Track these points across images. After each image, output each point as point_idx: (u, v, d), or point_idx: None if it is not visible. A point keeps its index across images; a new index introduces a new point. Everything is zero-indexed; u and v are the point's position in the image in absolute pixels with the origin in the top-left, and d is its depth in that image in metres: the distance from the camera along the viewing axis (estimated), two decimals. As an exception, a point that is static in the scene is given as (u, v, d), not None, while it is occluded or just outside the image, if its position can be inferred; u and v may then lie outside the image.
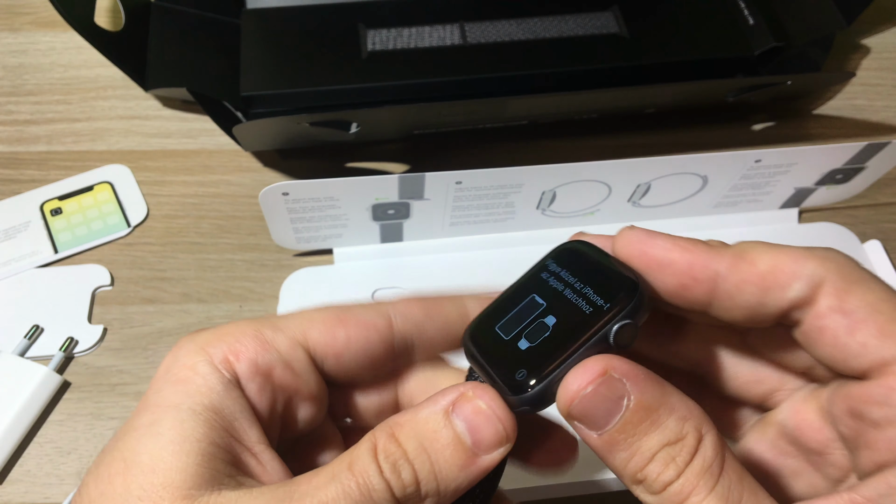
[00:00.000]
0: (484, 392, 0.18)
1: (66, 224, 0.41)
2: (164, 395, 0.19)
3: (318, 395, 0.21)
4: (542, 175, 0.36)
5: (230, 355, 0.19)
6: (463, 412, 0.18)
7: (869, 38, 0.51)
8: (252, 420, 0.19)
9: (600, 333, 0.18)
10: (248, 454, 0.19)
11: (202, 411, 0.18)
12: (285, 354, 0.20)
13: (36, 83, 0.46)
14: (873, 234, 0.43)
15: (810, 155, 0.37)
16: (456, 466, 0.18)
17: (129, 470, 0.17)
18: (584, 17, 0.47)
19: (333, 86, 0.43)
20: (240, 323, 0.20)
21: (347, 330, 0.20)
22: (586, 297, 0.19)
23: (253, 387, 0.19)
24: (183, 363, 0.19)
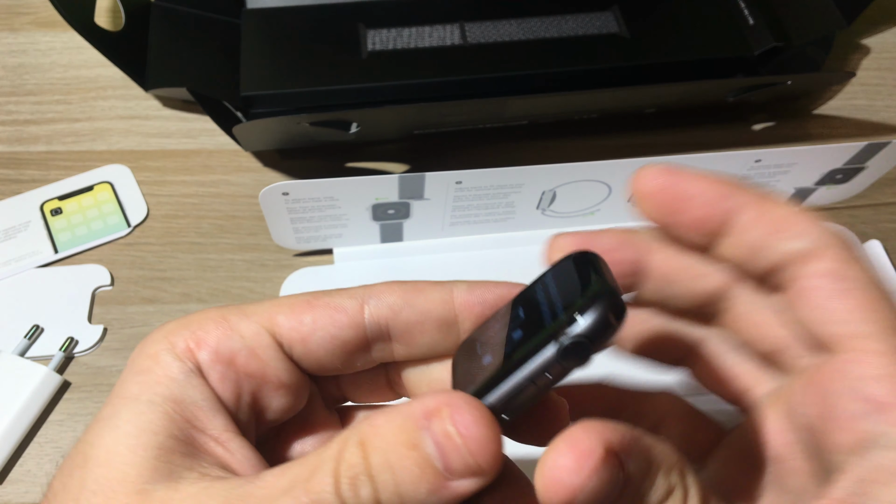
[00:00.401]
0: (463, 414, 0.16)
1: (66, 224, 0.41)
2: (125, 387, 0.18)
3: (291, 382, 0.20)
4: (542, 175, 0.36)
5: (192, 343, 0.19)
6: (434, 431, 0.16)
7: (869, 37, 0.51)
8: (216, 408, 0.18)
9: (545, 353, 0.16)
10: (214, 443, 0.18)
11: (161, 402, 0.18)
12: (250, 340, 0.19)
13: (36, 83, 0.46)
14: (873, 234, 0.43)
15: (810, 155, 0.37)
16: (423, 489, 0.16)
17: (87, 463, 0.17)
18: (585, 17, 0.47)
19: (333, 86, 0.43)
20: (208, 310, 0.20)
21: (314, 313, 0.19)
22: (554, 313, 0.17)
23: (214, 375, 0.19)
24: (146, 353, 0.19)
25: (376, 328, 0.20)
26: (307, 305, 0.19)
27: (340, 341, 0.19)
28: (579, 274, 0.18)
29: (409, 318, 0.19)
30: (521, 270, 0.40)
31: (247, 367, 0.19)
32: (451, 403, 0.16)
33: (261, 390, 0.19)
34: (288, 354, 0.20)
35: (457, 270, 0.40)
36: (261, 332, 0.19)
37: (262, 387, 0.19)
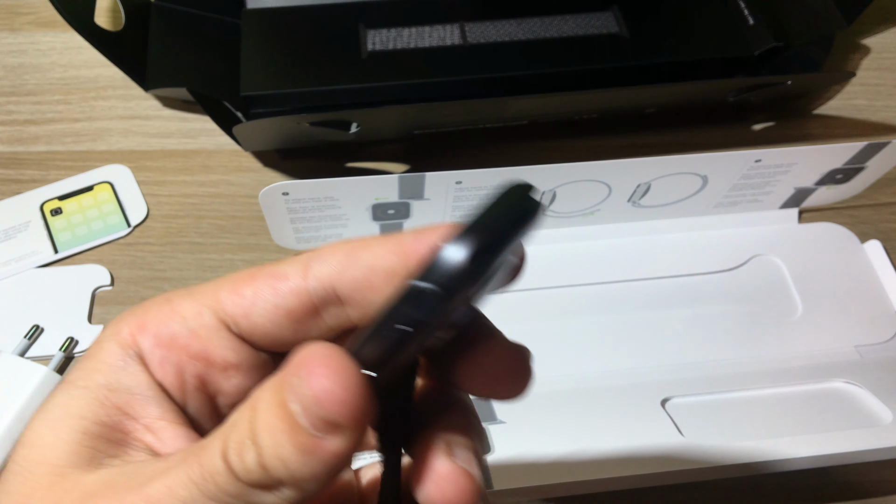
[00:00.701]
0: (312, 367, 0.15)
1: (66, 224, 0.41)
2: (70, 376, 0.18)
3: (242, 363, 0.19)
4: (542, 175, 0.36)
5: (136, 329, 0.18)
6: (294, 389, 0.15)
7: (869, 37, 0.51)
8: (153, 397, 0.18)
9: (398, 298, 0.15)
10: (145, 430, 0.18)
11: (95, 388, 0.18)
12: (190, 321, 0.18)
13: (36, 83, 0.46)
14: (873, 234, 0.43)
15: (810, 155, 0.37)
16: (298, 450, 0.15)
17: (19, 448, 0.17)
18: (585, 17, 0.47)
19: (333, 86, 0.43)
20: (160, 295, 0.19)
21: (255, 285, 0.18)
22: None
23: (155, 360, 0.18)
24: (97, 341, 0.19)
25: (322, 291, 0.18)
26: (249, 278, 0.18)
27: (284, 310, 0.18)
28: (483, 209, 0.15)
29: (355, 275, 0.18)
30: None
31: (188, 348, 0.18)
32: (307, 358, 0.15)
33: (207, 373, 0.18)
34: (237, 333, 0.18)
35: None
36: (202, 311, 0.18)
37: (207, 369, 0.18)
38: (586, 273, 0.40)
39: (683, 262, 0.41)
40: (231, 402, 0.19)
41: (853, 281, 0.40)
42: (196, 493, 0.15)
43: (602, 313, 0.39)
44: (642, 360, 0.38)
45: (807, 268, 0.41)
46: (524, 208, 0.15)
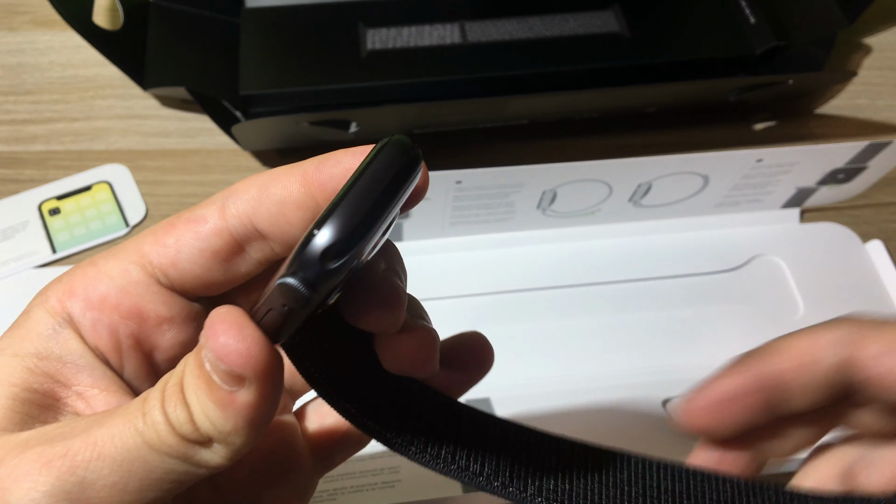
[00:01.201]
0: (214, 328, 0.15)
1: (64, 224, 0.41)
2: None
3: (176, 315, 0.19)
4: (542, 174, 0.36)
5: (64, 295, 0.18)
6: (205, 350, 0.16)
7: (871, 37, 0.51)
8: (85, 364, 0.18)
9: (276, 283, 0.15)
10: (77, 398, 0.18)
11: (24, 356, 0.18)
12: (118, 279, 0.18)
13: (34, 82, 0.46)
14: (875, 234, 0.42)
15: (812, 154, 0.37)
16: (218, 406, 0.16)
17: None
18: (585, 16, 0.47)
19: (333, 85, 0.43)
20: (84, 260, 0.19)
21: (177, 232, 0.18)
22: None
23: (86, 323, 0.18)
24: (24, 310, 0.18)
25: (242, 228, 0.18)
26: (169, 227, 0.18)
27: (210, 252, 0.18)
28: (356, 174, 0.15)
29: (269, 210, 0.18)
30: (521, 270, 0.40)
31: (119, 307, 0.18)
32: (210, 322, 0.16)
33: (141, 330, 0.18)
34: (166, 285, 0.18)
35: (457, 270, 0.40)
36: (129, 267, 0.18)
37: (141, 326, 0.18)
38: (586, 273, 0.40)
39: (684, 262, 0.41)
40: (168, 357, 0.19)
41: (855, 281, 0.40)
42: (139, 441, 0.16)
43: (602, 313, 0.39)
44: (643, 360, 0.38)
45: (808, 268, 0.41)
46: (397, 173, 0.15)
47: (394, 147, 0.15)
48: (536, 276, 0.40)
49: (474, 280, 0.39)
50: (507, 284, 0.39)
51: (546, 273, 0.40)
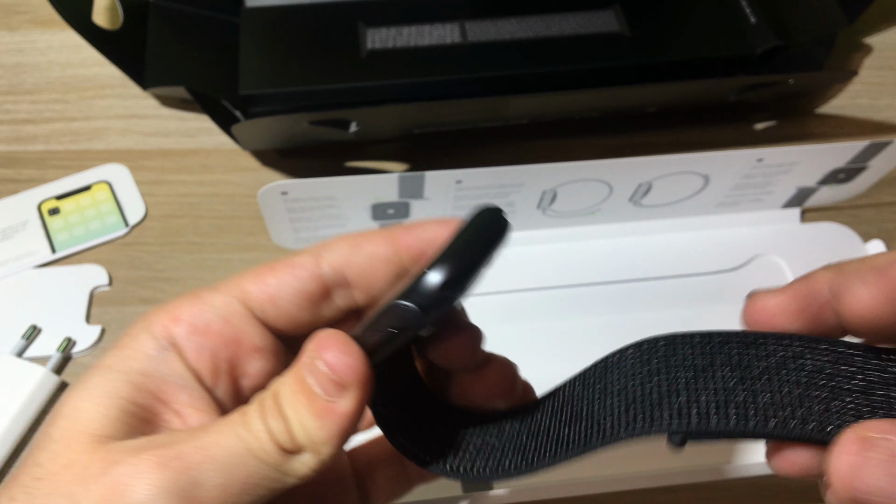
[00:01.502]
0: (325, 344, 0.19)
1: (63, 224, 0.41)
2: (102, 360, 0.20)
3: (265, 346, 0.21)
4: (542, 174, 0.36)
5: (169, 321, 0.20)
6: (309, 365, 0.19)
7: (871, 36, 0.51)
8: (184, 384, 0.20)
9: (386, 306, 0.18)
10: (174, 415, 0.20)
11: (130, 373, 0.19)
12: (222, 310, 0.21)
13: (34, 82, 0.46)
14: (876, 233, 0.42)
15: (812, 154, 0.37)
16: (315, 416, 0.18)
17: (54, 420, 0.19)
18: (586, 16, 0.47)
19: (333, 85, 0.43)
20: (183, 294, 0.21)
21: (277, 274, 0.21)
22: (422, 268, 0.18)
23: (191, 346, 0.20)
24: (128, 333, 0.21)
25: (333, 276, 0.21)
26: (269, 269, 0.21)
27: (305, 293, 0.21)
28: (460, 232, 0.19)
29: (359, 262, 0.21)
30: (521, 270, 0.40)
31: (221, 334, 0.21)
32: (318, 338, 0.19)
33: (236, 356, 0.21)
34: (261, 319, 0.21)
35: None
36: (231, 301, 0.21)
37: (237, 352, 0.21)
38: (586, 273, 0.40)
39: (685, 262, 0.41)
40: (252, 384, 0.22)
41: (855, 281, 0.40)
42: (242, 447, 0.18)
43: (603, 313, 0.39)
44: (643, 360, 0.37)
45: (809, 268, 0.40)
46: (494, 232, 0.19)
47: (492, 212, 0.19)
48: (536, 276, 0.40)
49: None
50: (507, 284, 0.39)
51: (546, 273, 0.40)
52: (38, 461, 0.18)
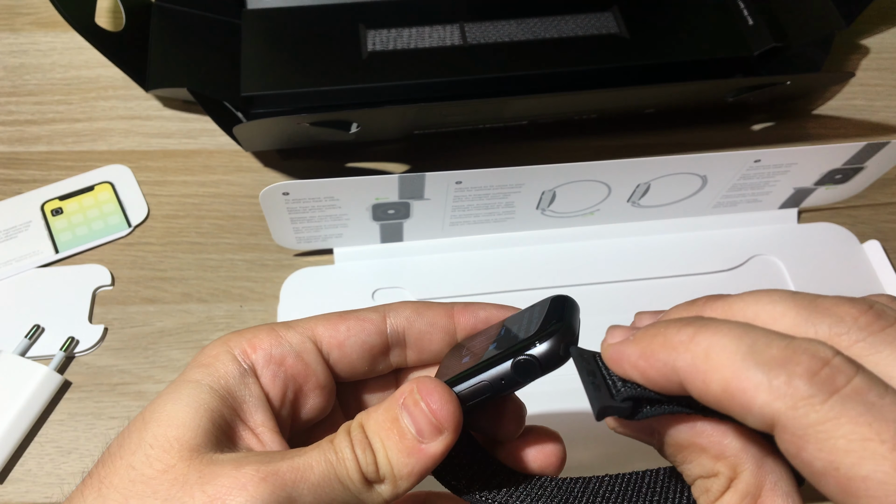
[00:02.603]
0: (428, 390, 0.21)
1: (66, 224, 0.41)
2: (189, 374, 0.22)
3: (326, 384, 0.24)
4: (541, 175, 0.36)
5: (248, 348, 0.22)
6: (408, 407, 0.21)
7: (868, 38, 0.51)
8: (260, 406, 0.22)
9: (503, 363, 0.20)
10: (251, 433, 0.21)
11: (218, 389, 0.21)
12: (296, 346, 0.23)
13: (37, 83, 0.47)
14: (872, 234, 0.43)
15: (809, 155, 0.37)
16: (403, 453, 0.20)
17: (147, 425, 0.20)
18: (585, 18, 0.47)
19: (334, 86, 0.44)
20: (258, 325, 0.23)
21: (348, 324, 0.24)
22: (525, 334, 0.21)
23: (267, 373, 0.22)
24: (208, 353, 0.22)
25: (395, 336, 0.24)
26: (341, 318, 0.24)
27: (369, 346, 0.24)
28: (553, 311, 0.22)
29: (420, 327, 0.24)
30: (520, 270, 0.40)
31: (294, 368, 0.23)
32: (420, 383, 0.21)
33: (302, 389, 0.23)
34: (325, 360, 0.24)
35: (457, 270, 0.40)
36: (305, 339, 0.23)
37: (303, 386, 0.23)
38: (585, 273, 0.40)
39: (683, 262, 0.41)
40: (308, 416, 0.24)
41: (852, 281, 0.40)
42: (332, 472, 0.20)
43: (602, 313, 0.39)
44: (642, 359, 0.38)
45: (806, 268, 0.41)
46: (575, 308, 0.22)
47: (568, 298, 0.23)
48: (536, 276, 0.40)
49: (474, 280, 0.40)
50: (506, 284, 0.40)
51: (545, 273, 0.40)
52: (131, 464, 0.19)
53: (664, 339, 0.17)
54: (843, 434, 0.14)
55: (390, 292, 0.39)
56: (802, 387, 0.15)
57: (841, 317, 0.17)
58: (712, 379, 0.16)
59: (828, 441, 0.15)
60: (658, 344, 0.17)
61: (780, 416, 0.15)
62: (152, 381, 0.37)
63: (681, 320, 0.18)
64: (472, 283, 0.39)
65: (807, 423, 0.15)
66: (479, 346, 0.23)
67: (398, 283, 0.39)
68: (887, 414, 0.14)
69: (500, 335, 0.22)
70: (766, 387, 0.15)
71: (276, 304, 0.39)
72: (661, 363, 0.17)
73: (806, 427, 0.15)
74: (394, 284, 0.39)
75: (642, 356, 0.18)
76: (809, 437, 0.15)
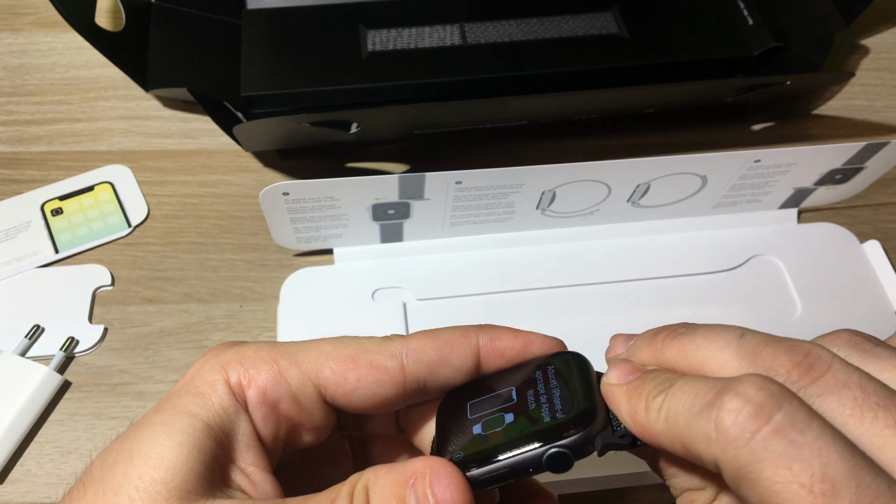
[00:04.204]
0: (442, 482, 0.19)
1: (66, 224, 0.41)
2: (183, 402, 0.20)
3: (324, 425, 0.22)
4: (541, 175, 0.36)
5: (244, 380, 0.21)
6: (416, 490, 0.19)
7: (868, 38, 0.52)
8: (251, 445, 0.20)
9: (533, 453, 0.19)
10: (241, 474, 0.20)
11: (213, 426, 0.20)
12: (295, 388, 0.21)
13: (37, 83, 0.47)
14: (872, 234, 0.43)
15: (809, 155, 0.37)
16: None
17: (133, 460, 0.18)
18: (584, 18, 0.47)
19: (334, 86, 0.44)
20: (262, 347, 0.21)
21: (358, 372, 0.21)
22: (550, 411, 0.20)
23: (258, 415, 0.21)
24: (204, 378, 0.21)
25: (415, 386, 0.22)
26: (351, 363, 0.21)
27: (382, 398, 0.21)
28: (578, 381, 0.20)
29: (444, 373, 0.22)
30: (520, 270, 0.40)
31: (288, 412, 0.21)
32: (434, 469, 0.19)
33: (296, 431, 0.22)
34: (329, 402, 0.22)
35: (457, 270, 0.40)
36: (306, 382, 0.21)
37: (297, 428, 0.22)
38: (586, 273, 0.40)
39: (683, 262, 0.41)
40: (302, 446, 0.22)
41: (852, 281, 0.40)
42: None
43: (602, 313, 0.39)
44: (642, 359, 0.38)
45: (806, 268, 0.41)
46: (594, 375, 0.21)
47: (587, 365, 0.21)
48: (536, 277, 0.40)
49: (474, 280, 0.40)
50: (506, 284, 0.40)
51: (545, 273, 0.40)
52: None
53: (644, 403, 0.18)
54: (768, 476, 0.15)
55: (390, 292, 0.39)
56: (728, 430, 0.15)
57: (775, 369, 0.17)
58: (675, 444, 0.17)
59: (757, 482, 0.15)
60: (640, 407, 0.18)
61: (718, 460, 0.16)
62: (152, 381, 0.37)
63: (655, 376, 0.19)
64: (471, 284, 0.39)
65: (737, 466, 0.15)
66: (488, 407, 0.21)
67: (398, 283, 0.39)
68: (806, 453, 0.15)
69: (513, 401, 0.21)
70: (703, 436, 0.16)
71: (276, 304, 0.39)
72: (641, 424, 0.18)
73: (737, 469, 0.15)
74: (394, 284, 0.39)
75: (629, 414, 0.19)
76: (742, 478, 0.15)
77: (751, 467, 0.15)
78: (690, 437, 0.16)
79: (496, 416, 0.20)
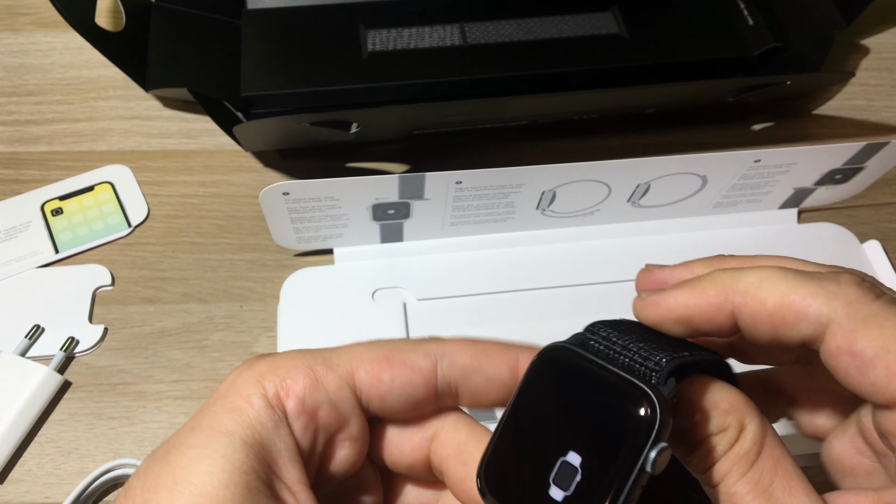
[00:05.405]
0: None
1: (66, 224, 0.41)
2: (219, 420, 0.19)
3: (359, 436, 0.21)
4: (541, 175, 0.36)
5: (281, 391, 0.20)
6: None
7: (868, 38, 0.52)
8: (294, 459, 0.20)
9: (637, 470, 0.17)
10: (287, 492, 0.19)
11: (253, 444, 0.19)
12: (332, 394, 0.20)
13: (37, 83, 0.47)
14: (872, 234, 0.43)
15: (809, 155, 0.37)
16: None
17: (177, 486, 0.18)
18: (584, 18, 0.47)
19: (334, 86, 0.44)
20: (294, 355, 0.21)
21: (393, 372, 0.21)
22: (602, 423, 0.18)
23: (298, 425, 0.20)
24: (239, 391, 0.20)
25: (446, 387, 0.21)
26: (386, 363, 0.21)
27: (415, 399, 0.21)
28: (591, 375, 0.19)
29: (478, 382, 0.21)
30: (520, 270, 0.40)
31: (327, 419, 0.20)
32: None
33: (334, 441, 0.21)
34: (364, 408, 0.21)
35: (457, 270, 0.40)
36: (343, 386, 0.20)
37: (335, 438, 0.21)
38: (585, 273, 0.40)
39: (683, 262, 0.41)
40: (337, 469, 0.21)
41: (852, 281, 0.40)
42: None
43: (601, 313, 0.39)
44: (642, 359, 0.38)
45: (806, 268, 0.41)
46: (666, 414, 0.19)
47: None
48: (536, 276, 0.40)
49: (474, 280, 0.40)
50: (506, 284, 0.40)
51: (545, 273, 0.40)
52: None
53: (712, 279, 0.20)
54: (893, 324, 0.17)
55: (390, 292, 0.39)
56: (853, 291, 0.18)
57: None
58: (768, 297, 0.19)
59: (881, 329, 0.18)
60: (707, 282, 0.20)
61: (835, 314, 0.18)
62: (152, 381, 0.37)
63: (723, 269, 0.20)
64: (472, 284, 0.39)
65: (860, 318, 0.18)
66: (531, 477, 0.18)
67: (398, 283, 0.39)
68: None
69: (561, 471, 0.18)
70: (822, 293, 0.18)
71: (276, 304, 0.39)
72: (713, 297, 0.19)
73: (859, 321, 0.18)
74: (394, 284, 0.39)
75: (693, 295, 0.20)
76: (860, 330, 0.18)
77: (877, 317, 0.18)
78: (797, 294, 0.18)
79: (562, 464, 0.18)
